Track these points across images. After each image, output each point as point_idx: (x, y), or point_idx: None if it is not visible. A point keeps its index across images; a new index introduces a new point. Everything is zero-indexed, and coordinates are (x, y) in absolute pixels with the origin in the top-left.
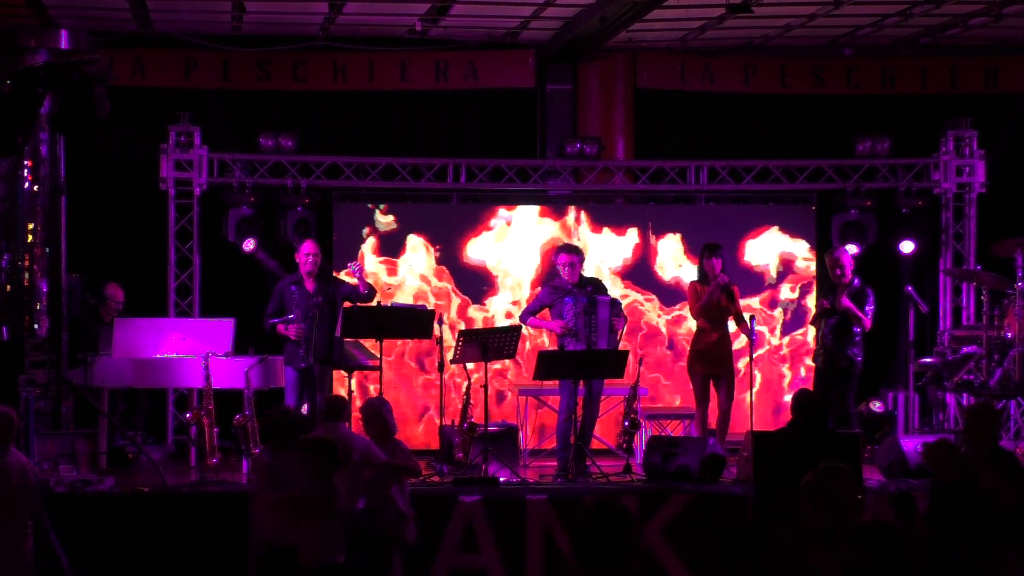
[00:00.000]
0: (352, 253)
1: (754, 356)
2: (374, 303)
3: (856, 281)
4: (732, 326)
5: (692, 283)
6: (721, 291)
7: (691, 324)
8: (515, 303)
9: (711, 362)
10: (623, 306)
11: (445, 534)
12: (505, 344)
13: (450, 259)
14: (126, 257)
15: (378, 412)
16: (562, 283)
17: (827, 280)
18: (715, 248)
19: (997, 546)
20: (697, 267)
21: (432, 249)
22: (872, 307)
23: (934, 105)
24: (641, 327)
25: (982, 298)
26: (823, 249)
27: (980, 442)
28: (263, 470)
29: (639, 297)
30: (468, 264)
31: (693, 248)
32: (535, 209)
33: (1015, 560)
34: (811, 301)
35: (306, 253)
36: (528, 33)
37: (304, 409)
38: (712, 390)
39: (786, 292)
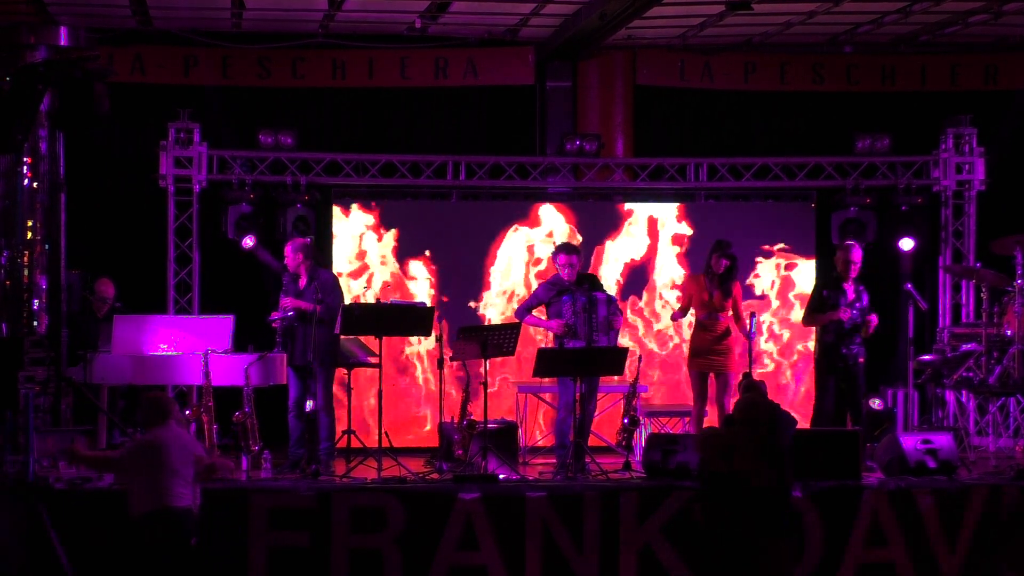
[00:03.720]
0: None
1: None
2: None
3: (865, 295)
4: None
5: (689, 276)
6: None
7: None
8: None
9: (709, 358)
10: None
11: (444, 532)
12: (504, 341)
13: None
14: (125, 254)
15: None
16: (559, 281)
17: (828, 275)
18: (726, 245)
19: (769, 536)
20: (705, 262)
21: None
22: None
23: (934, 102)
24: None
25: (982, 295)
26: (822, 247)
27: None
28: None
29: None
30: None
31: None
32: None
33: (787, 551)
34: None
35: (284, 256)
36: (528, 30)
37: (308, 406)
38: (712, 387)
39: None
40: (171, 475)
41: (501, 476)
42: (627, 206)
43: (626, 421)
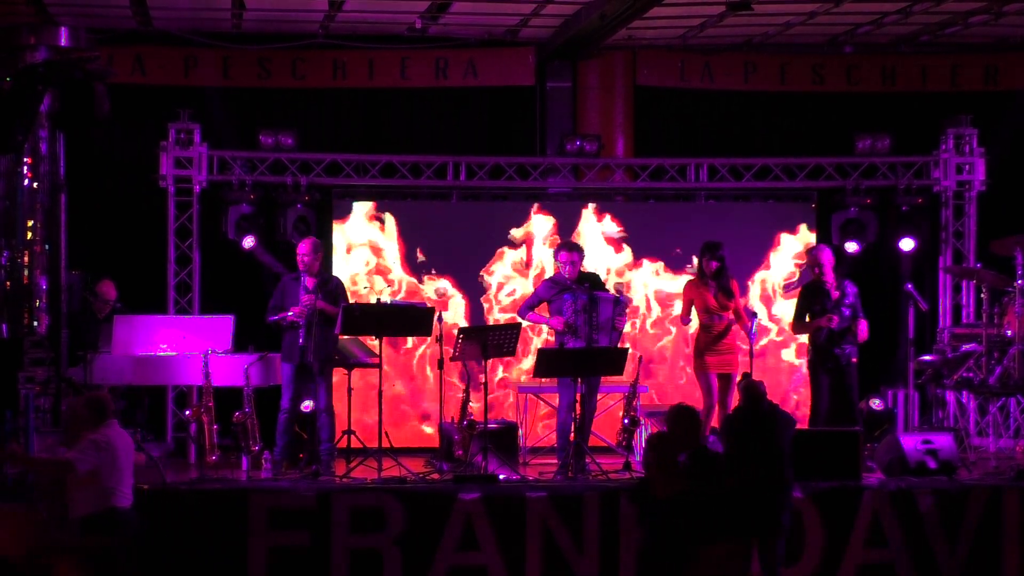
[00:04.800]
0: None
1: (755, 353)
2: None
3: (850, 289)
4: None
5: (688, 282)
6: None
7: None
8: None
9: (713, 359)
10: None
11: (444, 532)
12: (505, 341)
13: None
14: (126, 254)
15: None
16: (561, 279)
17: (809, 280)
18: (715, 247)
19: (708, 543)
20: (696, 266)
21: None
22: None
23: (934, 103)
24: None
25: (982, 296)
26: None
27: (683, 438)
28: None
29: None
30: None
31: None
32: None
33: (725, 556)
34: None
35: (300, 253)
36: (528, 31)
37: (306, 406)
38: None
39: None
40: (119, 475)
41: (501, 476)
42: None
43: (626, 421)
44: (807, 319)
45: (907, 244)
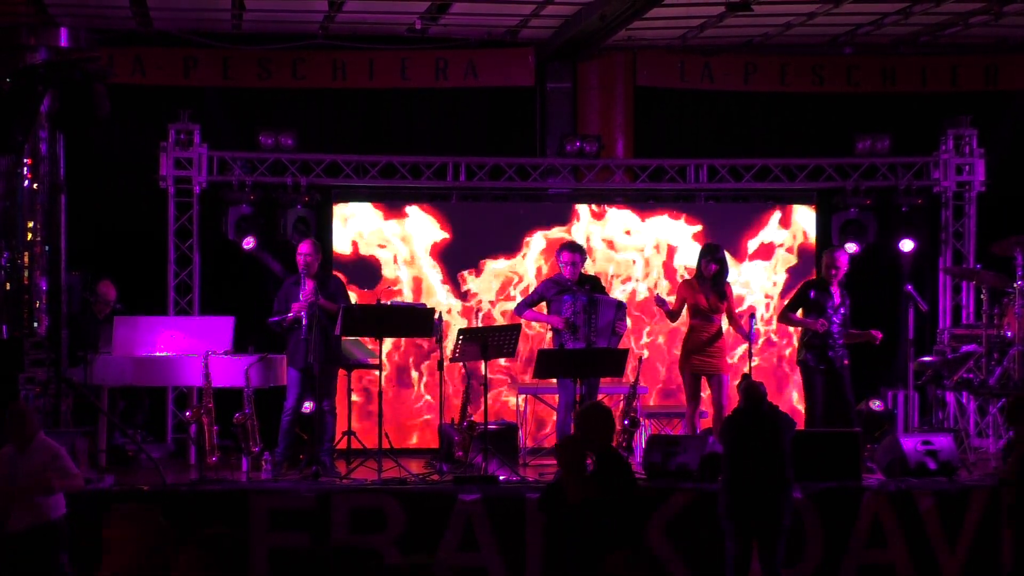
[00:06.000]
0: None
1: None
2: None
3: (848, 300)
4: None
5: (684, 281)
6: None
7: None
8: None
9: (701, 360)
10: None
11: (445, 533)
12: (505, 342)
13: None
14: (126, 255)
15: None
16: (562, 280)
17: (817, 276)
18: (715, 249)
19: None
20: (696, 266)
21: None
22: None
23: (934, 103)
24: None
25: (982, 297)
26: (823, 248)
27: (593, 440)
28: None
29: None
30: None
31: None
32: None
33: (623, 564)
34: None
35: (302, 253)
36: (528, 31)
37: (307, 408)
38: (706, 388)
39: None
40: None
41: (501, 477)
42: None
43: (626, 422)
44: (799, 313)
45: (907, 245)
